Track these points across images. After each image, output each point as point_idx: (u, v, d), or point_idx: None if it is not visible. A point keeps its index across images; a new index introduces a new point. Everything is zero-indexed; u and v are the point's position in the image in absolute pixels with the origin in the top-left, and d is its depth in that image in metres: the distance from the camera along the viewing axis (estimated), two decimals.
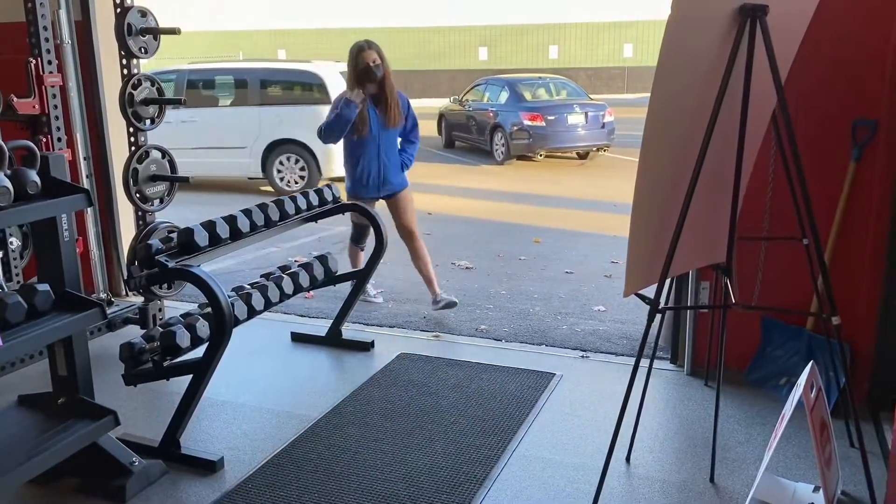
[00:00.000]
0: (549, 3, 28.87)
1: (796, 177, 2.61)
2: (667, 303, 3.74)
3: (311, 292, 5.13)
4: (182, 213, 6.41)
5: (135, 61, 4.14)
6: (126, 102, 4.08)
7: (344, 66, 5.00)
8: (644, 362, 2.83)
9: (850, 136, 3.33)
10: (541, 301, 5.30)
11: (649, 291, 2.67)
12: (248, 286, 3.60)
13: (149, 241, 3.09)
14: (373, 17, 30.28)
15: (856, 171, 3.34)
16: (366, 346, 4.26)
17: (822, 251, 3.06)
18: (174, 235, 3.22)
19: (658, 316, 2.66)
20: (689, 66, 2.44)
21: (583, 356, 4.18)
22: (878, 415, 3.28)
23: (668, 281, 2.78)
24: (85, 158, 4.36)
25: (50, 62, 3.84)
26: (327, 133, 4.63)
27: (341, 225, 6.01)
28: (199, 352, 3.10)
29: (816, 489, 2.73)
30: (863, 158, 3.32)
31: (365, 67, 4.52)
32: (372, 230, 4.36)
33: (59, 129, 3.90)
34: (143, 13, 4.11)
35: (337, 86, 10.31)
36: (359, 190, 4.76)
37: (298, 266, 3.92)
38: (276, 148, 10.20)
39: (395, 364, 4.03)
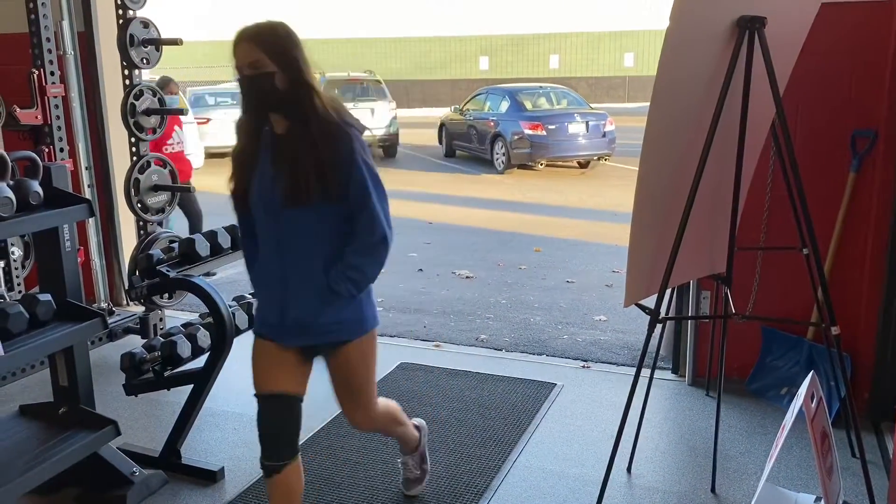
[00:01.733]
0: (549, 12, 28.94)
1: (795, 187, 2.62)
2: (667, 313, 3.75)
3: None
4: (184, 222, 6.44)
5: (137, 72, 4.16)
6: (128, 113, 4.10)
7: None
8: (645, 372, 2.83)
9: (850, 147, 3.34)
10: (541, 311, 5.30)
11: (650, 301, 2.67)
12: (249, 295, 3.61)
13: (150, 252, 3.10)
14: (373, 26, 30.35)
15: (855, 181, 3.34)
16: None
17: (822, 261, 3.06)
18: (175, 245, 3.23)
19: (659, 326, 2.67)
20: (688, 77, 2.45)
21: (584, 366, 4.18)
22: (880, 425, 3.28)
23: (668, 291, 2.78)
24: (87, 168, 4.38)
25: (52, 73, 3.86)
26: None
27: None
28: (199, 361, 3.10)
29: (818, 499, 2.72)
30: (862, 168, 3.33)
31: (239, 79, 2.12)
32: None
33: (61, 139, 3.92)
34: (146, 24, 4.13)
35: None
36: (261, 328, 2.35)
37: None
38: None
39: (396, 374, 4.02)
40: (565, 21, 28.93)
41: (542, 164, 12.97)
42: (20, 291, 3.98)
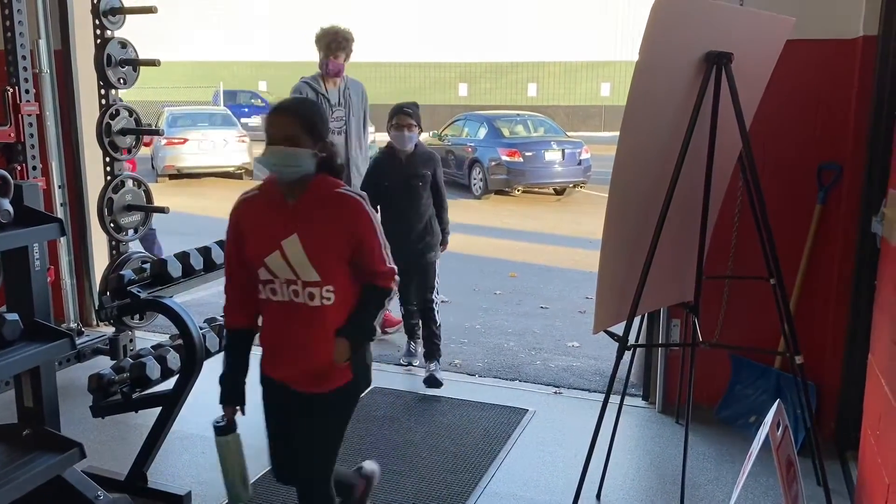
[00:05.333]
0: (528, 42, 29.32)
1: (761, 218, 2.68)
2: (637, 340, 3.79)
3: None
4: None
5: (113, 91, 4.15)
6: (103, 132, 4.08)
7: None
8: (615, 399, 2.85)
9: (816, 179, 3.41)
10: (515, 336, 5.32)
11: (621, 329, 2.70)
12: (221, 318, 3.58)
13: (121, 272, 3.08)
14: (356, 51, 30.52)
15: (821, 213, 3.42)
16: None
17: (788, 291, 3.12)
18: (147, 266, 3.21)
19: (628, 353, 2.69)
20: (657, 109, 2.51)
21: (556, 392, 4.19)
22: (845, 453, 3.32)
23: (638, 318, 2.82)
24: (60, 187, 4.34)
25: (27, 91, 3.84)
26: None
27: None
28: (169, 384, 3.07)
29: None
30: (828, 201, 3.41)
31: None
32: None
33: (34, 157, 3.88)
34: (124, 44, 4.13)
35: None
36: None
37: None
38: None
39: (368, 398, 4.00)
40: (543, 51, 29.31)
41: (518, 190, 13.07)
42: None
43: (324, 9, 27.99)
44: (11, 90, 3.77)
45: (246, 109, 25.14)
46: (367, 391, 4.02)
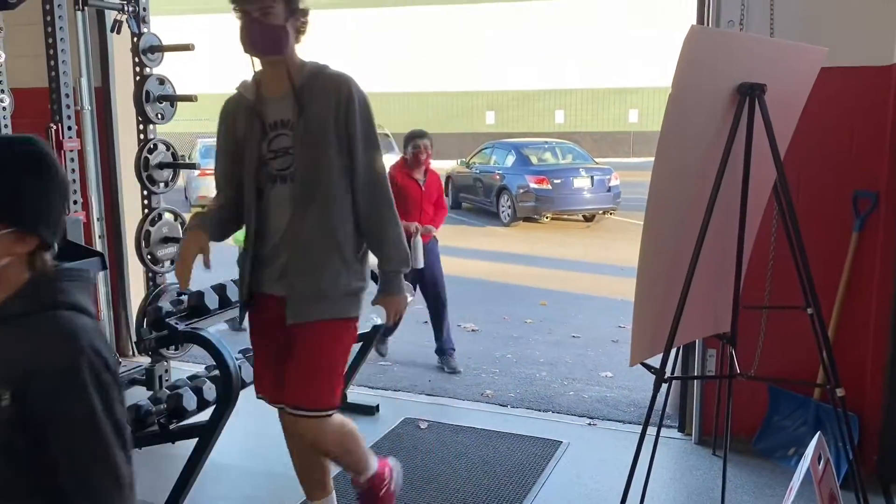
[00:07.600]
0: (554, 69, 29.48)
1: (797, 247, 2.65)
2: (673, 371, 3.74)
3: None
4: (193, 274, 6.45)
5: (151, 126, 4.26)
6: (141, 166, 4.18)
7: None
8: (651, 430, 2.82)
9: (852, 207, 3.37)
10: (547, 366, 5.28)
11: (656, 360, 2.68)
12: None
13: (159, 304, 3.14)
14: (383, 81, 30.95)
15: (858, 241, 3.37)
16: (370, 411, 4.24)
17: (826, 321, 3.07)
18: (184, 298, 3.26)
19: (664, 384, 2.67)
20: (691, 140, 2.51)
21: (590, 424, 4.15)
22: (889, 487, 3.24)
23: (674, 350, 2.79)
24: (98, 219, 4.44)
25: (70, 128, 3.95)
26: None
27: None
28: (205, 414, 3.10)
29: None
30: (865, 229, 3.36)
31: None
32: None
33: (75, 191, 3.98)
34: (162, 81, 4.24)
35: None
36: None
37: None
38: None
39: (400, 429, 4.00)
40: (570, 78, 29.43)
41: (547, 218, 13.07)
42: None
43: (353, 41, 28.47)
44: (55, 127, 3.88)
45: None
46: (399, 422, 4.04)
